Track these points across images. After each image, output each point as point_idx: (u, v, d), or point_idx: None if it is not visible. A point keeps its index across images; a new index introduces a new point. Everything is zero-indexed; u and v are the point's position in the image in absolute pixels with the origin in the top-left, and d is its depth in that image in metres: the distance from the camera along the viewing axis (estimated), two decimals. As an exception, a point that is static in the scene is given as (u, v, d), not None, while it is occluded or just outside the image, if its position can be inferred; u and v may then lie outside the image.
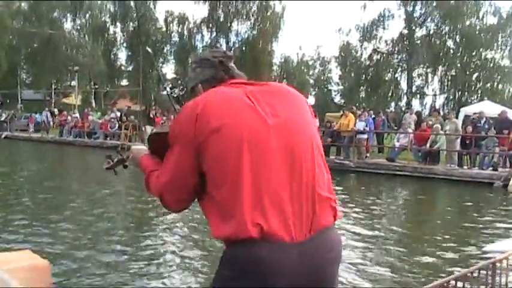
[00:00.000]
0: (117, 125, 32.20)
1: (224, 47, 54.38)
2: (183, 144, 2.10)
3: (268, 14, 54.31)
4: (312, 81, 76.09)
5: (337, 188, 14.70)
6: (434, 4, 45.95)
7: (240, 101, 2.11)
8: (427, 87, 50.94)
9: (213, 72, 2.33)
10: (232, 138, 2.03)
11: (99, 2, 62.54)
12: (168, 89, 56.85)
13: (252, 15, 55.18)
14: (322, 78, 75.72)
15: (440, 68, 48.52)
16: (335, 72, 70.84)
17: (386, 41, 50.31)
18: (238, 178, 2.01)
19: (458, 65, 47.01)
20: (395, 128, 27.19)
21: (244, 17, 55.42)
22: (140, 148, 2.60)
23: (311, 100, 70.88)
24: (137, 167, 2.53)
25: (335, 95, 73.98)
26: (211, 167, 2.06)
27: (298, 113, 2.21)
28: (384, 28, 49.89)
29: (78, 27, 63.26)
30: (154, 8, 60.38)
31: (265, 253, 1.97)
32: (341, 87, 69.30)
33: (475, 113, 22.15)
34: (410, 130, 21.92)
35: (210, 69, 2.34)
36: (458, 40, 46.27)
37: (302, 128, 2.17)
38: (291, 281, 2.00)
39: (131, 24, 61.01)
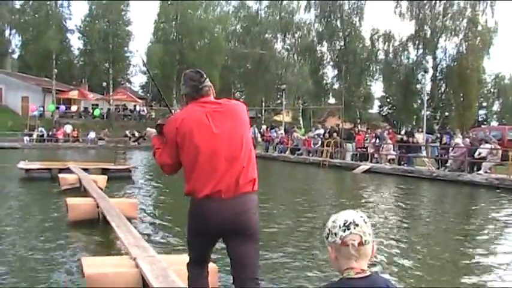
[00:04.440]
0: (319, 142, 32.72)
1: (431, 64, 53.39)
2: (170, 141, 3.80)
3: (479, 29, 52.08)
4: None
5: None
6: None
7: (201, 120, 3.70)
8: None
9: (189, 91, 3.89)
10: (192, 144, 3.67)
11: (307, 21, 64.26)
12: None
13: (461, 31, 53.35)
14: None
15: None
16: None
17: None
18: (195, 166, 3.68)
19: None
20: None
21: (453, 33, 53.78)
22: (152, 131, 4.20)
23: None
24: (150, 142, 4.13)
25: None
26: (183, 157, 3.75)
27: (234, 125, 3.75)
28: None
29: (288, 47, 65.41)
30: (361, 26, 60.80)
31: (206, 203, 3.64)
32: None
33: None
34: None
35: (188, 88, 3.90)
36: None
37: (236, 135, 3.73)
38: (220, 216, 3.62)
39: (338, 43, 61.87)
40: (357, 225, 2.21)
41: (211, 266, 4.47)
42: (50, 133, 48.48)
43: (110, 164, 20.16)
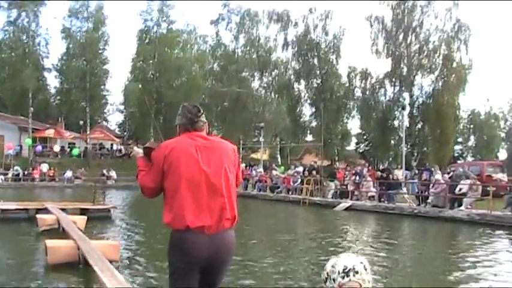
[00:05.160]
0: (299, 180, 32.65)
1: (407, 101, 53.80)
2: (156, 167, 3.85)
3: (454, 66, 52.75)
4: (502, 134, 72.99)
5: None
6: None
7: (190, 152, 3.80)
8: None
9: (185, 123, 4.01)
10: (177, 173, 3.75)
11: (284, 60, 64.67)
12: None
13: (436, 68, 53.99)
14: (514, 130, 72.49)
15: None
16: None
17: None
18: (178, 195, 3.73)
19: None
20: None
21: (428, 70, 54.39)
22: (138, 151, 4.25)
23: (502, 154, 67.95)
24: (136, 161, 4.18)
25: (530, 148, 70.25)
26: (166, 184, 3.81)
27: (221, 161, 3.88)
28: None
29: (265, 85, 65.61)
30: (337, 64, 61.26)
31: (188, 238, 3.67)
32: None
33: None
34: None
35: (184, 119, 4.01)
36: None
37: (220, 172, 3.84)
38: (202, 254, 3.68)
39: (315, 80, 62.23)
40: (357, 272, 2.21)
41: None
42: (26, 172, 47.98)
43: (89, 203, 19.81)
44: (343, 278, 2.19)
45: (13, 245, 12.57)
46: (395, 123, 57.55)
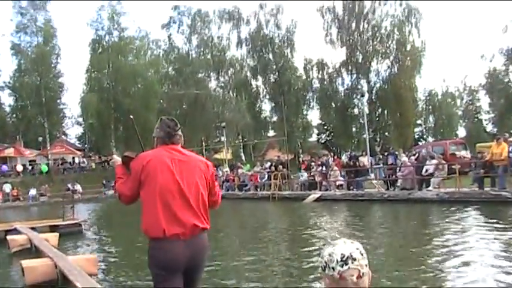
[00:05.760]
0: (266, 176, 32.69)
1: (365, 87, 54.34)
2: (134, 176, 4.05)
3: (408, 49, 53.39)
4: (460, 112, 73.98)
5: (492, 220, 13.94)
6: None
7: (166, 164, 4.00)
8: None
9: (162, 136, 4.19)
10: (153, 184, 3.94)
11: (240, 57, 64.72)
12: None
13: (391, 53, 54.53)
14: (471, 108, 73.55)
15: None
16: (484, 101, 68.46)
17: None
18: (153, 205, 3.92)
19: None
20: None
21: (383, 55, 54.93)
22: (118, 159, 4.48)
23: (461, 132, 68.99)
24: (114, 169, 4.45)
25: (486, 124, 71.34)
26: (143, 193, 4.00)
27: (194, 175, 4.09)
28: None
29: (222, 85, 65.50)
30: (293, 57, 61.51)
31: (166, 246, 3.86)
32: (492, 115, 66.80)
33: None
34: None
35: (162, 132, 4.19)
36: None
37: (192, 185, 4.04)
38: (180, 259, 3.89)
39: (272, 75, 62.37)
40: (355, 259, 2.23)
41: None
42: (-12, 195, 46.92)
43: (58, 220, 19.40)
44: (342, 266, 2.21)
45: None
46: (355, 110, 58.07)
